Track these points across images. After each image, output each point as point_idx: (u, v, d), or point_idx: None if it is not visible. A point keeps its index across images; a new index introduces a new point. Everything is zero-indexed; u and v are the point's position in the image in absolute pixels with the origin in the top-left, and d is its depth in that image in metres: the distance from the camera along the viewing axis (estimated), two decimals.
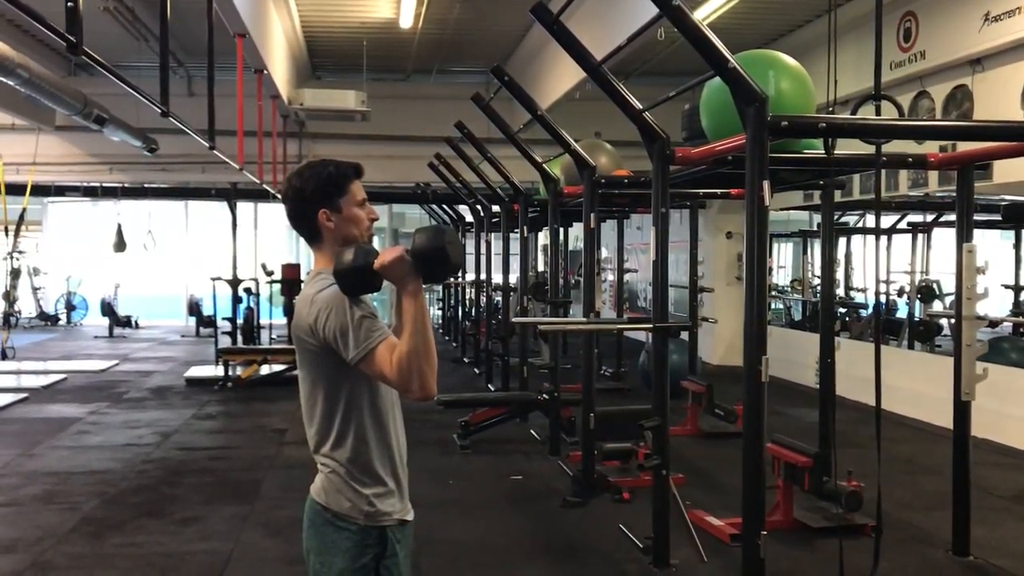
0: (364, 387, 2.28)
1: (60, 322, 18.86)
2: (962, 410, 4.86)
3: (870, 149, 4.18)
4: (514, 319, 9.67)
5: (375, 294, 2.26)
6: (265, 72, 9.32)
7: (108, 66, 4.13)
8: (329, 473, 2.31)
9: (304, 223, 2.35)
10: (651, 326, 4.84)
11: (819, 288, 6.09)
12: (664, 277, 4.80)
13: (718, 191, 7.10)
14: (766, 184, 3.47)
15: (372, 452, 2.30)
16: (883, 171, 8.84)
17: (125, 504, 5.84)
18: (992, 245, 12.63)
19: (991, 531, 5.32)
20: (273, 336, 14.10)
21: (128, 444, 7.55)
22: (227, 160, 8.05)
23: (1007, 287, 11.71)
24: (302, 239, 2.43)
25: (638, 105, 4.74)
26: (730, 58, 3.52)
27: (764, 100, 3.49)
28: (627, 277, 13.06)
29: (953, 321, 5.09)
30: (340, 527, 2.28)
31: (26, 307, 18.49)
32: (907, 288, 12.56)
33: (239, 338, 12.89)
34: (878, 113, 4.09)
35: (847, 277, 14.20)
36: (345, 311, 2.18)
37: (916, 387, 8.53)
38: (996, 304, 11.34)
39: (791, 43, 10.39)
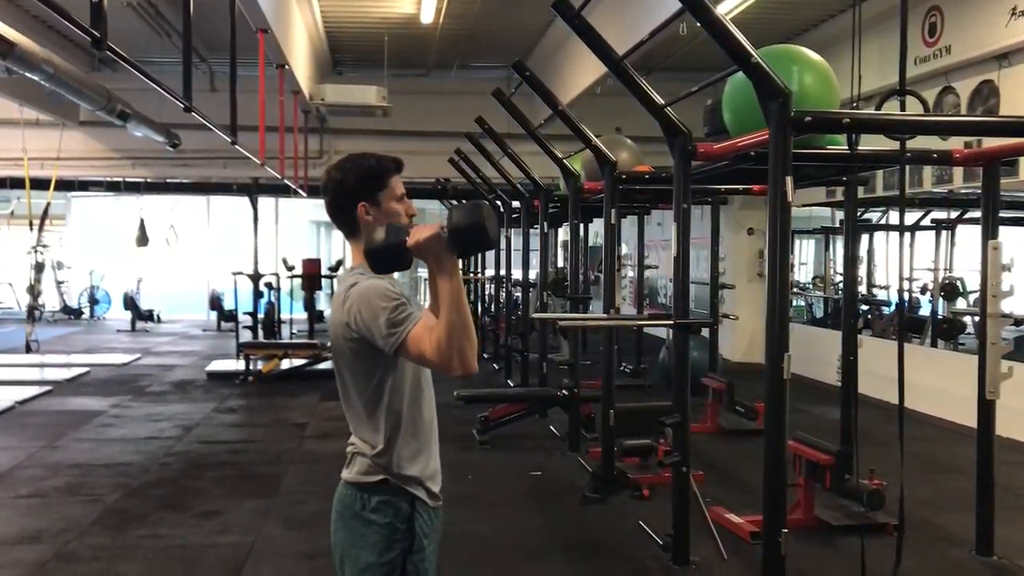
0: (400, 381, 2.31)
1: (83, 316, 19.02)
2: (986, 409, 4.81)
3: (894, 145, 4.14)
4: (533, 315, 9.66)
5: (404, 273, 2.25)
6: (287, 67, 9.35)
7: (132, 61, 4.15)
8: (360, 455, 2.33)
9: (343, 216, 2.37)
10: (671, 322, 4.82)
11: (841, 285, 6.03)
12: (685, 273, 4.78)
13: (740, 187, 7.07)
14: (789, 180, 3.45)
15: (405, 446, 2.32)
16: (907, 167, 8.77)
17: (147, 496, 5.89)
18: (1018, 242, 12.48)
19: (1015, 531, 5.27)
20: (294, 331, 14.16)
21: (150, 437, 7.61)
22: (249, 155, 8.08)
23: None
24: (322, 234, 2.45)
25: (660, 100, 4.71)
26: (753, 53, 3.49)
27: (788, 95, 3.46)
28: (647, 273, 13.00)
29: (977, 319, 5.03)
30: (369, 521, 2.29)
31: (50, 301, 18.66)
32: (931, 285, 12.44)
33: (260, 333, 12.97)
34: (903, 108, 4.05)
35: (870, 274, 14.08)
36: (378, 302, 2.19)
37: (940, 385, 8.45)
38: (1022, 302, 11.23)
39: (815, 38, 10.30)
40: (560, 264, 13.56)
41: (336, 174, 2.36)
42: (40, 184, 12.96)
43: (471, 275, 16.11)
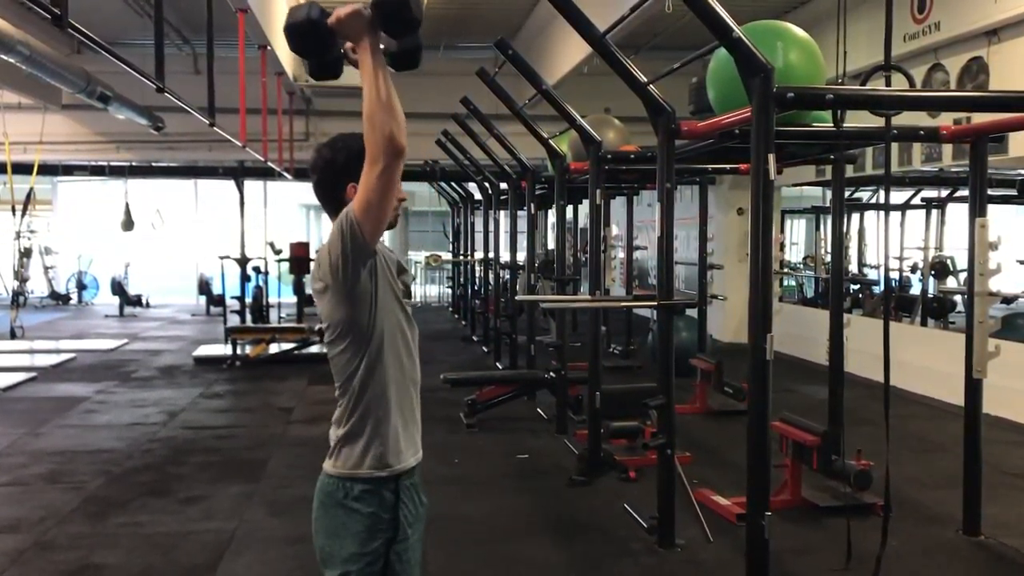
0: (378, 363, 2.26)
1: (71, 301, 18.90)
2: (974, 387, 4.77)
3: (881, 122, 4.07)
4: (518, 297, 9.60)
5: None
6: (269, 48, 9.23)
7: (99, 41, 4.05)
8: (340, 438, 2.29)
9: (330, 195, 2.32)
10: (656, 303, 4.77)
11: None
12: (669, 253, 4.72)
13: (727, 166, 7.02)
14: (771, 157, 3.38)
15: (386, 429, 2.28)
16: (897, 146, 8.72)
17: (130, 483, 5.83)
18: (1008, 220, 12.48)
19: (1003, 510, 5.24)
20: (282, 315, 14.09)
21: (135, 423, 7.54)
22: (229, 138, 7.98)
23: (1023, 263, 11.56)
24: (312, 218, 2.41)
25: (643, 78, 4.64)
26: (734, 27, 3.42)
27: (770, 71, 3.39)
28: (637, 254, 12.95)
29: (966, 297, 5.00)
30: (352, 510, 2.25)
31: (37, 286, 18.53)
32: (920, 264, 12.42)
33: (248, 317, 12.90)
34: (888, 84, 3.98)
35: (860, 253, 14.06)
36: (330, 238, 2.20)
37: (929, 364, 8.43)
38: (1012, 280, 11.22)
39: (804, 15, 10.22)
40: (550, 245, 13.52)
41: (326, 152, 2.32)
42: (23, 168, 12.83)
43: (461, 257, 16.06)
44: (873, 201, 13.65)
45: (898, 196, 12.63)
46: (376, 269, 2.25)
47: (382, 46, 2.15)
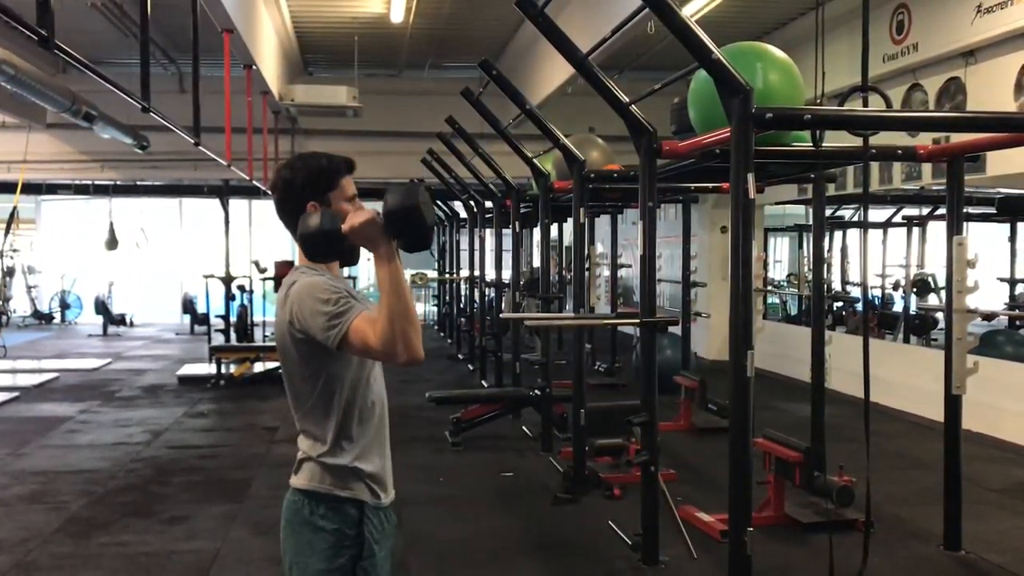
0: (345, 382, 2.27)
1: (54, 320, 18.78)
2: (953, 404, 4.82)
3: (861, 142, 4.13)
4: (503, 315, 9.62)
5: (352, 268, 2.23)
6: (254, 68, 9.25)
7: (84, 61, 4.07)
8: (308, 460, 2.31)
9: (291, 215, 2.31)
10: (638, 321, 4.80)
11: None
12: (652, 272, 4.77)
13: (709, 185, 7.07)
14: (751, 177, 3.43)
15: (352, 447, 2.29)
16: (877, 165, 8.81)
17: (112, 503, 5.80)
18: (988, 238, 12.60)
19: (983, 525, 5.28)
20: (266, 334, 14.03)
21: (118, 443, 7.50)
22: (214, 157, 7.99)
23: (1002, 280, 11.68)
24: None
25: (624, 98, 4.69)
26: (714, 49, 3.47)
27: (748, 92, 3.44)
28: (622, 272, 13.00)
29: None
30: (318, 527, 2.26)
31: (21, 306, 18.40)
32: (902, 282, 12.52)
33: (232, 336, 12.85)
34: (865, 105, 4.04)
35: (843, 271, 14.15)
36: (317, 296, 2.16)
37: (911, 381, 8.48)
38: (992, 297, 11.32)
39: (786, 36, 10.33)
40: (535, 264, 13.55)
41: (285, 173, 2.32)
42: (7, 187, 12.78)
43: (446, 276, 16.08)
44: (855, 219, 13.76)
45: (880, 214, 12.74)
46: None
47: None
